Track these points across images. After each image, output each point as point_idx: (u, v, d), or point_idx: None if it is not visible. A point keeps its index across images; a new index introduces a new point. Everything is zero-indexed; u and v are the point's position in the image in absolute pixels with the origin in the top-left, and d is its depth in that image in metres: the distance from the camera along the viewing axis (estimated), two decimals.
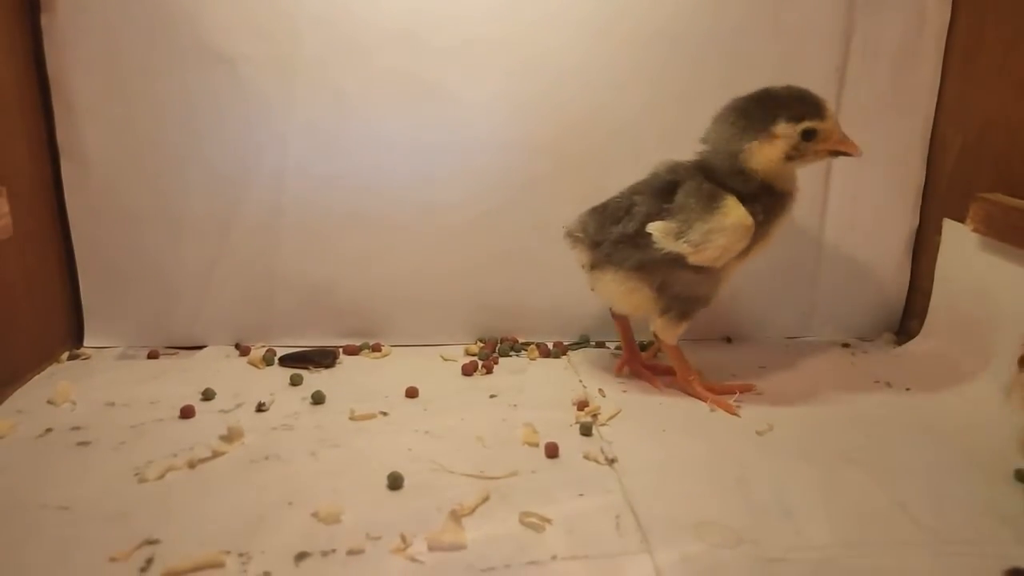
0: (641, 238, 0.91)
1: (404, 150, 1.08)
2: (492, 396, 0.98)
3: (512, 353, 1.12)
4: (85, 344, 1.12)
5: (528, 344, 1.14)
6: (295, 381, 1.00)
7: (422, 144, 1.08)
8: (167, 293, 1.11)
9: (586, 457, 0.82)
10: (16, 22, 1.00)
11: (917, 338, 1.12)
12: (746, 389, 0.99)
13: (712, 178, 0.91)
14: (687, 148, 1.11)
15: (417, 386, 0.98)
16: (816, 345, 1.17)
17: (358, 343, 1.13)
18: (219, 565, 0.64)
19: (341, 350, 1.10)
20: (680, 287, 0.92)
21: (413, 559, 0.65)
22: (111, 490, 0.75)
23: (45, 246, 1.06)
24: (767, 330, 1.19)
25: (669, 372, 1.02)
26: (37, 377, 1.01)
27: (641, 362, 1.05)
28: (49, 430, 0.87)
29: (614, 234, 0.93)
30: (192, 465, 0.79)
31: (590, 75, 1.08)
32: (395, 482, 0.76)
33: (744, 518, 0.71)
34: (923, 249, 1.16)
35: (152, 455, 0.81)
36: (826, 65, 1.10)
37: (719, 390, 0.98)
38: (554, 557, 0.66)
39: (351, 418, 0.91)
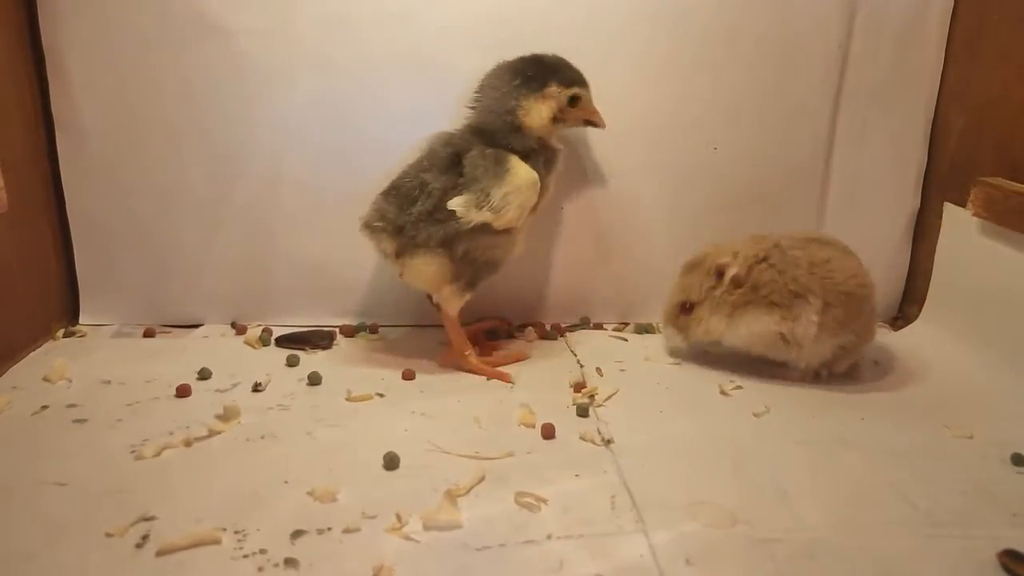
0: (440, 213, 0.92)
1: (404, 126, 1.07)
2: (489, 378, 0.98)
3: (505, 335, 1.12)
4: (81, 321, 1.11)
5: (523, 326, 1.14)
6: (291, 362, 1.00)
7: (422, 120, 1.07)
8: (163, 270, 1.11)
9: (582, 438, 0.82)
10: None
11: (916, 322, 1.12)
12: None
13: (489, 141, 0.94)
14: (688, 125, 1.11)
15: (413, 368, 0.98)
16: None
17: (355, 323, 1.12)
18: (215, 542, 0.64)
19: (338, 330, 1.10)
20: (480, 253, 0.95)
21: (408, 538, 0.65)
22: (107, 467, 0.75)
23: (40, 221, 1.06)
24: None
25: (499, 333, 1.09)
26: (33, 354, 1.01)
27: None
28: (45, 407, 0.87)
29: (414, 215, 0.93)
30: (188, 443, 0.79)
31: (588, 51, 1.06)
32: (391, 462, 0.76)
33: (739, 499, 0.71)
34: (923, 232, 1.16)
35: (148, 433, 0.81)
36: (829, 43, 1.09)
37: (492, 363, 1.00)
38: (549, 536, 0.66)
39: (347, 399, 0.91)
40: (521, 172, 0.92)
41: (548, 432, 0.83)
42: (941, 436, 0.84)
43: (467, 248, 0.94)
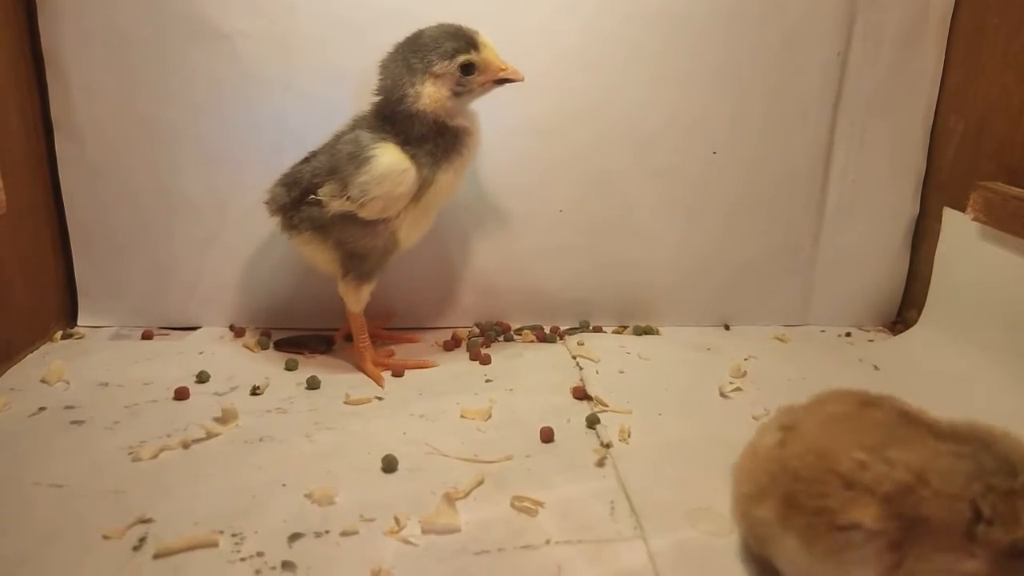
0: (311, 197, 0.92)
1: None
2: (488, 380, 0.97)
3: (500, 338, 1.11)
4: (79, 323, 1.11)
5: (522, 329, 1.13)
6: (290, 366, 0.99)
7: None
8: (162, 272, 1.10)
9: (582, 440, 0.82)
10: None
11: (915, 327, 1.11)
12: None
13: (383, 125, 0.91)
14: (688, 131, 1.11)
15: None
16: (814, 332, 1.17)
17: None
18: (212, 544, 0.64)
19: (337, 333, 1.10)
20: (352, 244, 0.93)
21: (407, 541, 0.65)
22: (105, 469, 0.75)
23: (39, 223, 1.05)
24: (765, 317, 1.19)
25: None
26: (30, 356, 1.01)
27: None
28: (42, 409, 0.86)
29: (292, 197, 0.94)
30: (186, 445, 0.79)
31: (591, 57, 1.07)
32: (389, 465, 0.76)
33: None
34: (923, 237, 1.16)
35: (146, 435, 0.81)
36: (828, 50, 1.09)
37: (393, 366, 0.99)
38: (548, 541, 0.65)
39: (346, 402, 0.90)
40: (384, 160, 0.88)
41: (547, 436, 0.82)
42: None
43: (339, 237, 0.93)
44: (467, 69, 0.89)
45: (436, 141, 0.91)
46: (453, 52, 0.88)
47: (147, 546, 0.63)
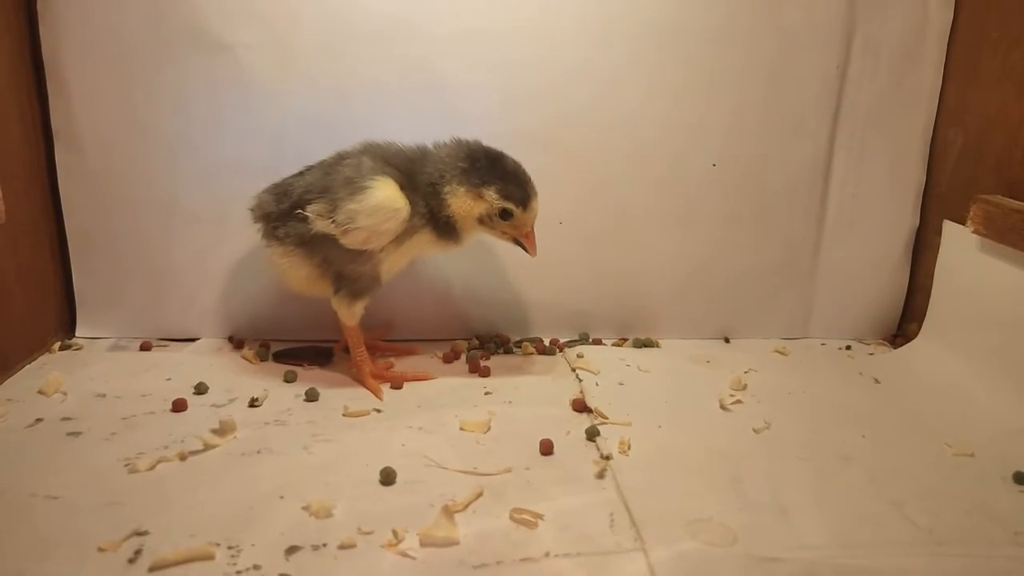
0: (300, 211, 0.91)
1: (401, 139, 1.07)
2: (487, 393, 0.97)
3: (500, 350, 1.11)
4: (77, 334, 1.11)
5: (521, 341, 1.13)
6: (289, 378, 0.99)
7: (419, 134, 1.07)
8: (161, 283, 1.10)
9: (583, 447, 0.81)
10: (12, 5, 0.99)
11: (916, 340, 1.11)
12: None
13: (394, 168, 0.91)
14: (687, 142, 1.12)
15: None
16: (814, 345, 1.17)
17: None
18: (208, 557, 0.63)
19: (336, 345, 1.09)
20: (340, 265, 0.93)
21: (405, 554, 0.65)
22: (101, 480, 0.74)
23: (38, 233, 1.05)
24: (765, 330, 1.18)
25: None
26: (28, 367, 1.00)
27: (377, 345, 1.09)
28: (39, 420, 0.86)
29: (281, 209, 0.94)
30: (183, 457, 0.79)
31: (588, 67, 1.08)
32: (388, 477, 0.75)
33: (739, 517, 0.70)
34: (923, 250, 1.16)
35: (143, 447, 0.80)
36: (827, 63, 1.09)
37: (391, 378, 0.99)
38: (547, 554, 0.65)
39: (344, 414, 0.90)
40: (379, 194, 0.88)
41: (546, 448, 0.82)
42: (942, 454, 0.84)
43: (326, 256, 0.93)
44: (505, 215, 0.91)
45: (438, 219, 0.92)
46: (507, 195, 0.90)
47: (143, 558, 0.63)
